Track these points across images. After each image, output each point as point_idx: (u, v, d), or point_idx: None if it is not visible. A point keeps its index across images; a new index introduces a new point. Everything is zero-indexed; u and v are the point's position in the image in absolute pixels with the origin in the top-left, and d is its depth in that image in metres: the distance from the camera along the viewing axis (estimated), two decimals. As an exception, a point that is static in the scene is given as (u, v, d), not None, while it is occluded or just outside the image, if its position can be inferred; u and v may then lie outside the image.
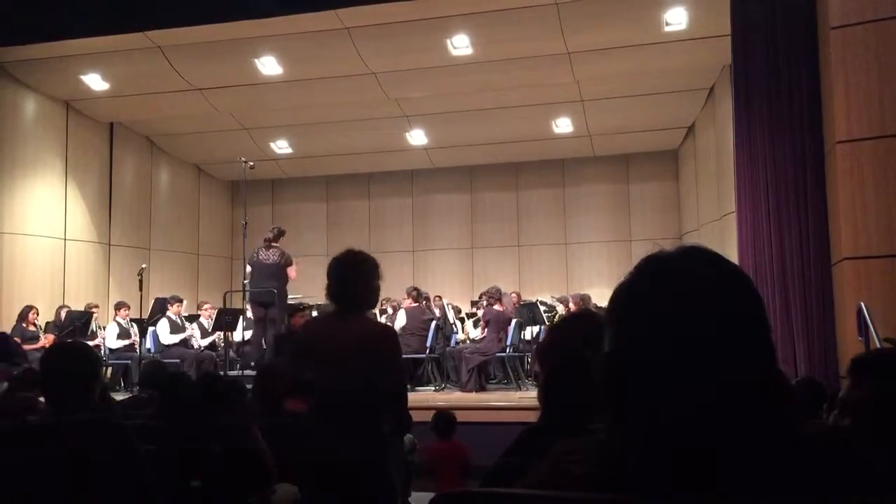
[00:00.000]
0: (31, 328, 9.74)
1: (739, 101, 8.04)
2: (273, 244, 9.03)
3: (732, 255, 8.67)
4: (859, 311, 6.21)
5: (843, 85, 6.87)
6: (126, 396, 5.63)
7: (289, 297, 9.24)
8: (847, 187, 6.81)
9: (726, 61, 9.22)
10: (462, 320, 11.45)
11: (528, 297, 12.42)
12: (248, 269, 9.24)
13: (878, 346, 5.80)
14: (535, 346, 9.57)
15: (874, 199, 6.70)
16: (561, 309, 9.99)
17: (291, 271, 9.01)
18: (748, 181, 7.89)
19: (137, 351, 10.05)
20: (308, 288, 12.92)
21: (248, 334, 9.55)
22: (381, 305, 11.62)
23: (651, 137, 13.37)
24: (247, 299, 9.43)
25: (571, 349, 1.54)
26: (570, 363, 1.42)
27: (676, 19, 9.12)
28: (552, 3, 8.87)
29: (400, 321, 9.86)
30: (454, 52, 9.99)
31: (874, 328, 6.01)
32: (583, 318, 1.88)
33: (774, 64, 7.68)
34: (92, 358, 2.72)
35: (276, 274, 8.84)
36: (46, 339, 9.58)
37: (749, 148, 7.88)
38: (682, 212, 13.94)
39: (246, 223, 10.10)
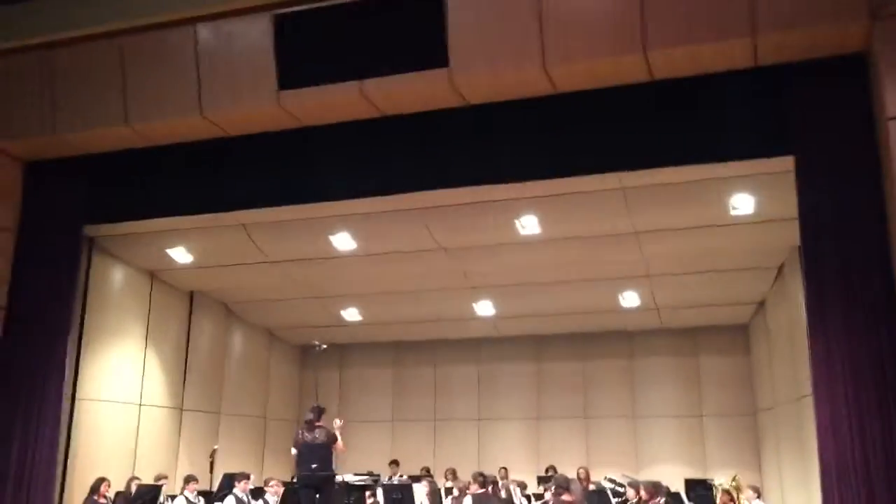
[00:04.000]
0: (102, 500, 9.80)
1: (811, 284, 7.89)
2: (317, 424, 8.74)
3: (812, 441, 8.31)
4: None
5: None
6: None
7: (354, 474, 9.07)
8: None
9: (795, 242, 9.20)
10: (528, 498, 11.11)
11: (596, 472, 12.04)
12: (294, 451, 8.93)
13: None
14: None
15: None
16: (631, 494, 9.62)
17: (339, 446, 8.77)
18: (824, 367, 7.62)
19: (203, 527, 9.95)
20: (375, 461, 12.76)
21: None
22: (446, 482, 11.35)
23: (720, 312, 13.25)
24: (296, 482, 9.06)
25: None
26: None
27: (743, 204, 9.24)
28: (619, 188, 9.11)
29: (468, 508, 9.53)
30: (522, 231, 10.26)
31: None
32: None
33: (844, 247, 7.60)
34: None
35: (325, 455, 8.53)
36: (114, 513, 9.60)
37: (824, 333, 7.66)
38: (754, 388, 13.55)
39: (317, 384, 10.04)
